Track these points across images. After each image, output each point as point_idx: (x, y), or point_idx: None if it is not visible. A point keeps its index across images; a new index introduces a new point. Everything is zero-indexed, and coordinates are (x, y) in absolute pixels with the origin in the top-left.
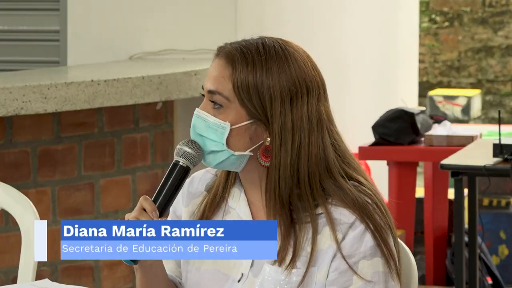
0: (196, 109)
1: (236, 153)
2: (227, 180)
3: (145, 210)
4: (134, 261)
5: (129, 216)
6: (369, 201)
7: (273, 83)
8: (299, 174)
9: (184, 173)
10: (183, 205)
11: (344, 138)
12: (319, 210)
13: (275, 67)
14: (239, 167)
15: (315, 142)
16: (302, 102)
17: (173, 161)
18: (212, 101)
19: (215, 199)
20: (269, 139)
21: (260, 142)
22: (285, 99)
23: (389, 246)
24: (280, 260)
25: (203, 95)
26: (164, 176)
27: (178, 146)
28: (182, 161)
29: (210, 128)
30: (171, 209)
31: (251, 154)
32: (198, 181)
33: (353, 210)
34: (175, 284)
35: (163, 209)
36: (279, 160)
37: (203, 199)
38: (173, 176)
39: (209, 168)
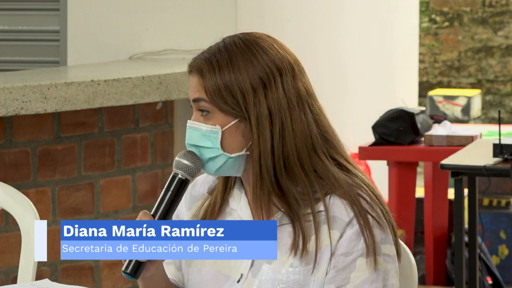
0: (188, 121)
1: (233, 155)
2: (227, 184)
3: None
4: (135, 276)
5: None
6: (363, 194)
7: (241, 77)
8: (287, 155)
9: (183, 185)
10: (186, 209)
11: (325, 112)
12: (319, 208)
13: (241, 61)
14: (239, 170)
15: (298, 119)
16: (277, 85)
17: (172, 173)
18: (200, 110)
19: (215, 209)
20: None
21: None
22: (257, 88)
23: (375, 242)
24: (294, 248)
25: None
26: (164, 189)
27: (176, 158)
28: (180, 174)
29: (204, 136)
30: (175, 213)
31: (248, 153)
32: (201, 184)
33: (349, 205)
34: None
35: None
36: (258, 151)
37: (204, 201)
38: (171, 189)
39: None
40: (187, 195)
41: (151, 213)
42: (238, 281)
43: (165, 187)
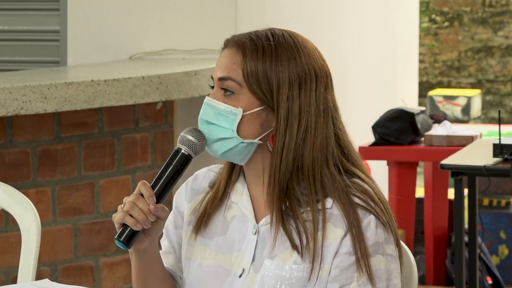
0: (206, 97)
1: (246, 140)
2: (230, 176)
3: (142, 195)
4: (128, 244)
5: (127, 200)
6: (360, 202)
7: (282, 68)
8: (303, 160)
9: (186, 161)
10: (186, 201)
11: (347, 130)
12: (321, 206)
13: (285, 53)
14: (245, 158)
15: (320, 128)
16: (311, 88)
17: (175, 148)
18: (224, 89)
19: (217, 195)
20: None
21: (270, 130)
22: (294, 84)
23: (367, 253)
24: (294, 248)
25: (212, 87)
26: (165, 162)
27: (181, 134)
28: (184, 149)
29: (220, 115)
30: (174, 204)
31: (260, 142)
32: (202, 178)
33: (343, 209)
34: (173, 277)
35: (160, 195)
36: (282, 144)
37: (205, 195)
38: (173, 163)
39: (211, 166)
40: (188, 188)
41: (150, 184)
42: (240, 276)
43: (167, 160)
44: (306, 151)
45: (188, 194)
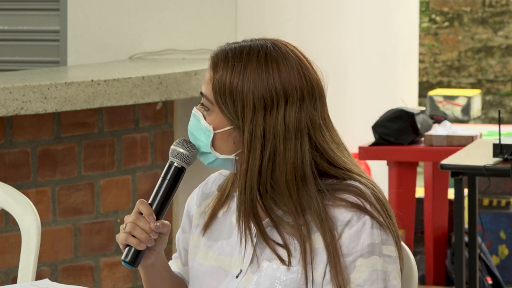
0: (194, 108)
1: (222, 156)
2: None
3: (142, 213)
4: (134, 264)
5: (127, 220)
6: (354, 203)
7: (247, 90)
8: (275, 181)
9: (179, 173)
10: (196, 205)
11: (334, 146)
12: (302, 216)
13: (253, 73)
14: (231, 168)
15: (292, 149)
16: (278, 110)
17: (168, 162)
18: (202, 104)
19: (222, 196)
20: None
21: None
22: (258, 106)
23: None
24: (279, 258)
25: None
26: (160, 178)
27: (172, 147)
28: (176, 162)
29: (200, 129)
30: (186, 207)
31: (237, 158)
32: (212, 182)
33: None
34: (184, 282)
35: (159, 211)
36: (246, 166)
37: (213, 199)
38: (168, 178)
39: (222, 170)
40: (199, 192)
41: (149, 201)
42: (237, 277)
43: (162, 175)
44: (277, 173)
45: (198, 198)
